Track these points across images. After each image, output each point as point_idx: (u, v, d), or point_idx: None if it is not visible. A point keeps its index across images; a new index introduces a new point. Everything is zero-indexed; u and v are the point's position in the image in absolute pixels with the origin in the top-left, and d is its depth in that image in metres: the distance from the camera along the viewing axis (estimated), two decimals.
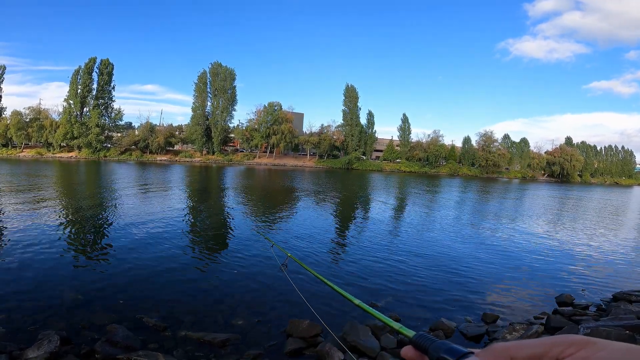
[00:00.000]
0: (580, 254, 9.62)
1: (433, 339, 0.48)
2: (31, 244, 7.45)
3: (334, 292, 4.21)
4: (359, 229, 11.78)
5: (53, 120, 61.06)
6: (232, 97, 64.54)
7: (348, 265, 7.37)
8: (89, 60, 60.22)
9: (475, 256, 8.61)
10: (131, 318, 4.50)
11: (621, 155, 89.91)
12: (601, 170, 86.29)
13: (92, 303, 4.89)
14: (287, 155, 69.35)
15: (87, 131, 58.80)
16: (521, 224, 14.17)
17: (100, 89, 60.71)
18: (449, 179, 53.40)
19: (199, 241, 9.02)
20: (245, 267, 6.79)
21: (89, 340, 3.92)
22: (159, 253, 7.39)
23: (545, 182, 64.59)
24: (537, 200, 26.37)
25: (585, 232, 13.34)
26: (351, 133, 66.80)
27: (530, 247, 10.10)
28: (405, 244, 9.58)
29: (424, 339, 0.49)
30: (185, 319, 4.61)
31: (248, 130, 65.74)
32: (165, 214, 11.79)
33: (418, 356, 0.49)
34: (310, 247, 8.55)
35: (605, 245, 11.11)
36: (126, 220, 10.53)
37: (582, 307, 5.59)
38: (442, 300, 5.76)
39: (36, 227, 9.06)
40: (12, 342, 3.73)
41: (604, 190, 49.56)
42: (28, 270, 6.03)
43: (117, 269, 6.37)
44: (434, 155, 69.40)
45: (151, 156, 61.31)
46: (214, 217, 12.68)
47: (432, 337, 0.48)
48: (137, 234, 8.93)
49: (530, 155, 75.32)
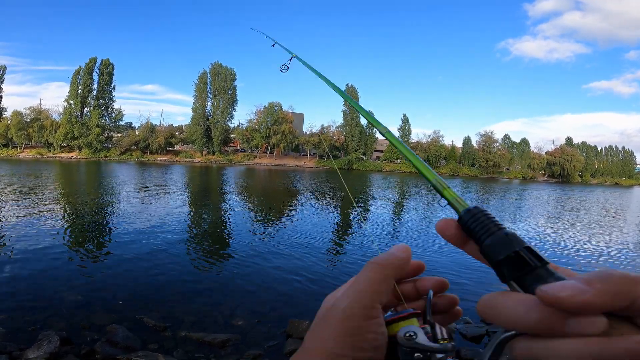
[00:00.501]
0: (580, 254, 9.61)
1: (497, 223, 0.33)
2: (31, 245, 7.46)
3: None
4: (359, 231, 11.79)
5: (53, 120, 61.11)
6: (232, 98, 64.64)
7: (345, 267, 7.36)
8: (90, 61, 60.34)
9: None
10: (131, 318, 4.50)
11: (621, 156, 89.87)
12: (602, 171, 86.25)
13: (92, 303, 4.89)
14: (288, 155, 69.43)
15: (87, 131, 58.86)
16: (520, 224, 14.17)
17: (100, 89, 60.79)
18: (449, 179, 53.38)
19: (198, 241, 9.02)
20: (245, 267, 6.79)
21: (89, 341, 3.92)
22: (159, 253, 7.39)
23: (545, 183, 64.60)
24: (538, 201, 26.35)
25: (585, 232, 13.33)
26: (351, 133, 66.88)
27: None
28: (404, 240, 9.56)
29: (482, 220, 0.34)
30: (185, 319, 4.61)
31: (248, 131, 65.81)
32: (165, 215, 11.79)
33: (461, 239, 0.37)
34: (311, 246, 8.55)
35: (605, 245, 11.11)
36: (126, 220, 10.53)
37: None
38: None
39: (36, 227, 9.06)
40: (12, 342, 3.73)
41: (605, 191, 49.54)
42: (28, 270, 6.03)
43: (117, 269, 6.37)
44: (434, 155, 69.44)
45: (151, 156, 61.37)
46: (214, 217, 12.68)
47: (495, 220, 0.34)
48: (137, 234, 8.93)
49: (531, 156, 75.33)
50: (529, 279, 0.28)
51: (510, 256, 0.30)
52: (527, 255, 0.29)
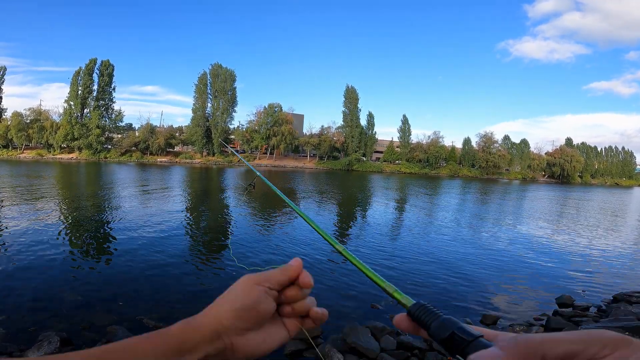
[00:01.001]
0: (580, 255, 9.61)
1: (436, 312, 0.41)
2: (31, 245, 7.46)
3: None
4: (357, 232, 11.79)
5: (53, 121, 61.12)
6: (232, 99, 64.64)
7: (346, 265, 7.36)
8: (90, 62, 60.36)
9: (474, 257, 8.61)
10: (131, 319, 4.50)
11: (621, 156, 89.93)
12: (601, 171, 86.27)
13: (91, 304, 4.89)
14: (287, 156, 69.44)
15: (87, 132, 58.87)
16: (521, 225, 14.17)
17: (100, 90, 60.79)
18: (449, 180, 53.40)
19: (198, 242, 9.02)
20: (244, 267, 6.79)
21: (89, 341, 3.92)
22: (159, 254, 7.39)
23: (545, 183, 64.59)
24: (537, 202, 26.35)
25: (585, 233, 13.33)
26: (351, 134, 66.88)
27: (529, 248, 10.10)
28: (403, 245, 9.57)
29: (425, 311, 0.42)
30: None
31: (248, 132, 65.83)
32: (165, 216, 11.80)
33: (413, 328, 0.43)
34: (313, 245, 8.55)
35: (605, 246, 11.10)
36: (126, 221, 10.53)
37: (582, 309, 5.59)
38: (441, 302, 5.76)
39: (36, 228, 9.06)
40: (13, 343, 3.73)
41: (605, 192, 49.53)
42: (28, 271, 6.03)
43: (117, 270, 6.37)
44: (434, 156, 69.46)
45: (151, 157, 61.37)
46: (213, 218, 12.69)
47: (434, 310, 0.42)
48: (137, 235, 8.93)
49: (531, 156, 75.36)
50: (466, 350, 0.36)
51: (448, 337, 0.38)
52: (460, 334, 0.37)
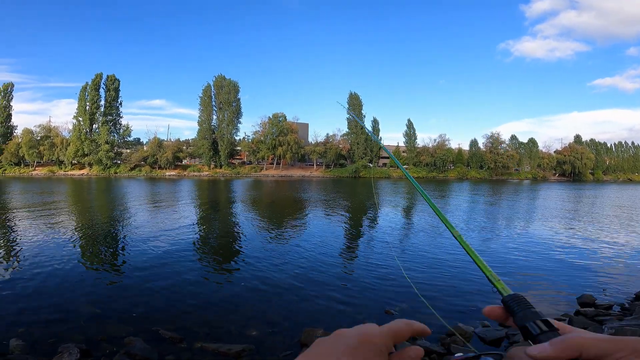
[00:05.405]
0: (598, 253, 9.38)
1: (527, 304, 0.45)
2: (48, 260, 7.57)
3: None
4: (366, 236, 11.73)
5: (64, 137, 62.31)
6: (237, 110, 65.26)
7: (359, 274, 7.30)
8: (96, 76, 61.38)
9: (491, 258, 8.46)
10: (147, 330, 4.51)
11: (632, 151, 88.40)
12: (613, 167, 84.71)
13: (108, 316, 4.93)
14: (294, 165, 69.65)
15: (97, 148, 59.83)
16: (536, 225, 13.93)
17: (107, 105, 61.78)
18: (457, 182, 52.93)
19: (210, 253, 9.06)
20: (257, 277, 6.78)
21: (107, 353, 3.94)
22: (172, 266, 7.43)
23: (557, 182, 63.58)
24: (550, 201, 25.92)
25: (602, 230, 13.03)
26: (357, 141, 66.94)
27: (547, 247, 9.90)
28: (416, 248, 9.47)
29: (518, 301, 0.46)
30: (200, 330, 4.61)
31: (254, 143, 66.24)
32: (176, 228, 11.89)
33: (504, 316, 0.47)
34: (324, 254, 8.51)
35: (623, 243, 10.83)
36: (139, 234, 10.65)
37: (604, 307, 5.44)
38: (457, 305, 5.66)
39: (52, 243, 9.21)
40: (33, 355, 3.77)
41: (618, 188, 48.55)
42: (45, 284, 6.11)
43: (131, 282, 6.42)
44: (441, 159, 69.04)
45: (160, 171, 62.05)
46: (224, 229, 12.75)
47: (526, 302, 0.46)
48: (150, 247, 9.01)
49: (540, 155, 74.45)
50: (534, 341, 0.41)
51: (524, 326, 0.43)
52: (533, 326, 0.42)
